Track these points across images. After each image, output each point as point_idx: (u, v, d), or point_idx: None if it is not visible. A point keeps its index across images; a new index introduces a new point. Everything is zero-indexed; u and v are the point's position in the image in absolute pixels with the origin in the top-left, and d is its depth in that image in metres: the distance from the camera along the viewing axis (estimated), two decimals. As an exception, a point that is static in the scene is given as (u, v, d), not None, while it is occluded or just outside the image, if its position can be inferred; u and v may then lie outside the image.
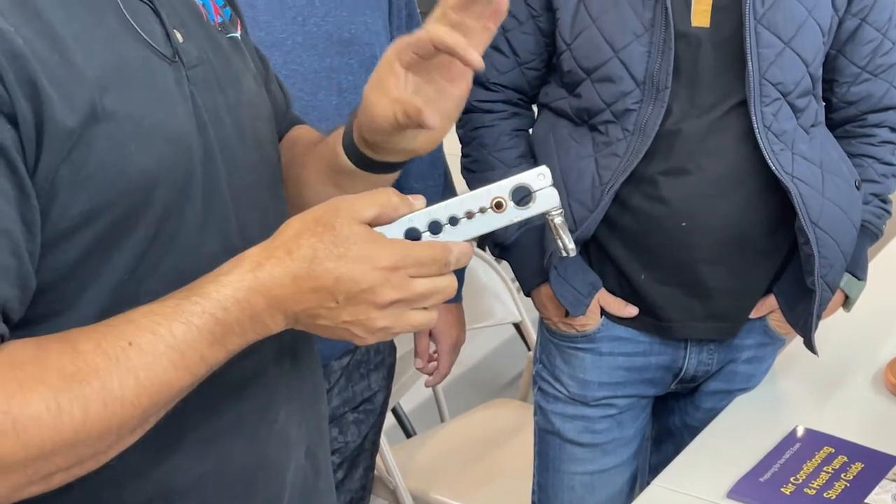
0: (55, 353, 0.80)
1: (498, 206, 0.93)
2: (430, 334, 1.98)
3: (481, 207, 0.93)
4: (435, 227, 0.92)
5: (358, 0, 1.65)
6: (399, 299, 0.88)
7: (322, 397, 1.19)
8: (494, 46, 1.67)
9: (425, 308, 0.90)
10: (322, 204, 0.90)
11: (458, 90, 1.02)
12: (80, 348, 0.81)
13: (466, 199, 0.93)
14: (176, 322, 0.84)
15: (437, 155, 1.83)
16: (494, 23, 1.00)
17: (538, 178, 0.95)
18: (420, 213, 0.92)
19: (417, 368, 2.02)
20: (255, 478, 1.04)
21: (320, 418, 1.17)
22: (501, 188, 0.94)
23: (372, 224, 0.89)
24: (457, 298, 1.96)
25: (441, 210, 0.92)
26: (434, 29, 0.97)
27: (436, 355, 2.00)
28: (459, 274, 0.93)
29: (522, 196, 0.95)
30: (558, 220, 0.96)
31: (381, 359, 1.87)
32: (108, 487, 0.92)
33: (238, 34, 1.11)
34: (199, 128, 0.95)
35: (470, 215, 0.93)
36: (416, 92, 1.01)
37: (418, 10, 1.81)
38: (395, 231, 0.90)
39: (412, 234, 0.91)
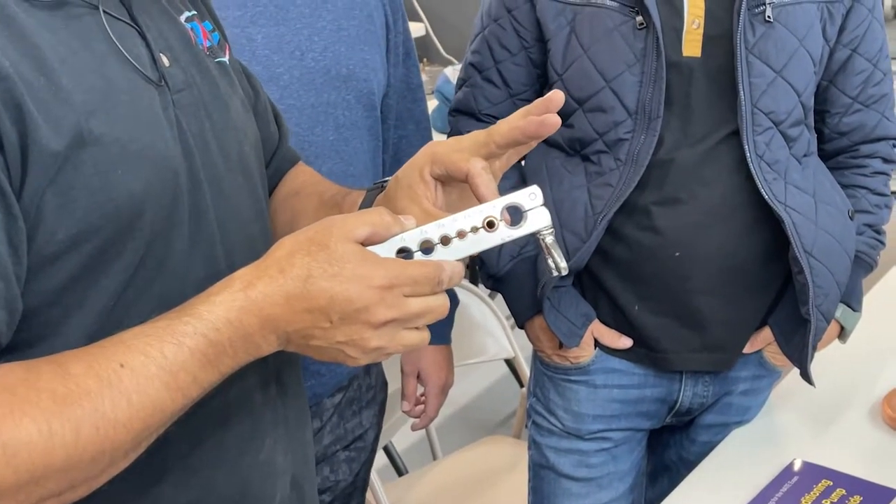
0: (46, 375, 0.79)
1: (490, 225, 0.93)
2: (418, 376, 1.96)
3: (473, 227, 0.93)
4: (427, 247, 0.92)
5: (356, 36, 1.65)
6: (393, 318, 0.87)
7: (307, 425, 1.17)
8: (486, 78, 1.67)
9: (417, 328, 0.90)
10: (314, 224, 0.90)
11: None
12: (71, 370, 0.80)
13: (458, 218, 0.93)
14: (167, 343, 0.83)
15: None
16: (537, 142, 1.01)
17: (529, 197, 0.94)
18: (412, 233, 0.91)
19: (404, 411, 2.00)
20: None
21: (306, 446, 1.15)
22: (493, 207, 0.93)
23: (365, 243, 0.89)
24: (445, 340, 1.94)
25: (433, 229, 0.92)
26: (474, 167, 0.96)
27: (423, 398, 1.97)
28: (449, 314, 0.93)
29: (514, 215, 0.94)
30: (549, 239, 0.95)
31: (373, 395, 1.85)
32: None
33: (226, 58, 1.11)
34: (184, 152, 0.95)
35: (462, 235, 0.92)
36: (441, 196, 1.01)
37: (415, 49, 1.82)
38: (387, 250, 0.90)
39: (404, 254, 0.91)
